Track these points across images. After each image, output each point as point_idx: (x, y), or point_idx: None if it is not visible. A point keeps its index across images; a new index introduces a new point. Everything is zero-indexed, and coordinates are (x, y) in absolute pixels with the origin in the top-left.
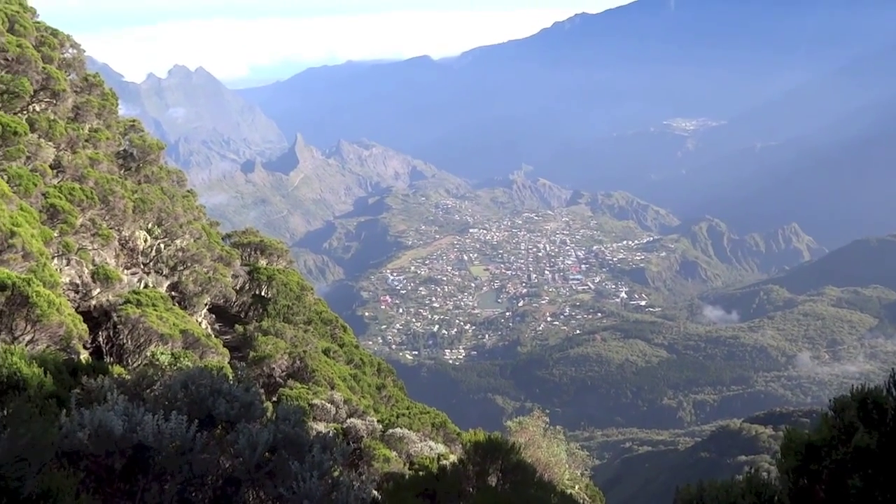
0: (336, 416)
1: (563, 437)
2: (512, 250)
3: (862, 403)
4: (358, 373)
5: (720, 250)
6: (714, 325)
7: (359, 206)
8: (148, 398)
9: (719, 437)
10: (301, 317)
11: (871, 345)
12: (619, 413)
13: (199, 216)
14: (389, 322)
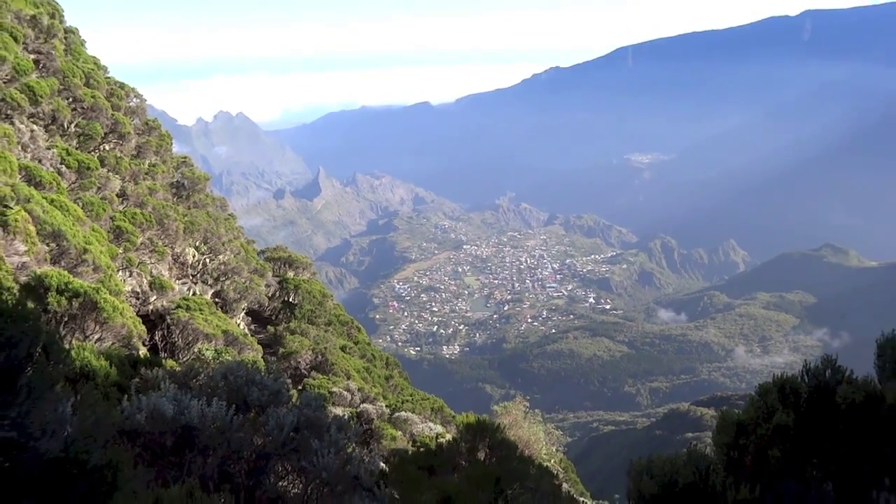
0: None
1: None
2: (499, 263)
3: (781, 388)
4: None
5: (671, 263)
6: (666, 324)
7: (371, 227)
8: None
9: (671, 417)
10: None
11: (793, 340)
12: (588, 398)
13: (238, 236)
14: (396, 323)
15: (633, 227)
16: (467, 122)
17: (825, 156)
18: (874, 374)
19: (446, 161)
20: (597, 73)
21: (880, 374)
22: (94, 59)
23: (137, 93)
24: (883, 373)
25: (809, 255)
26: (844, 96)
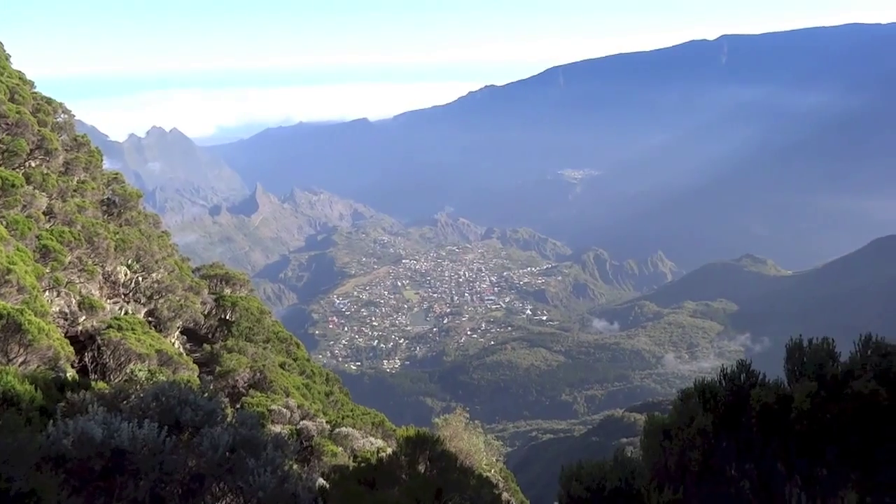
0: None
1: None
2: (438, 277)
3: (701, 393)
4: (309, 382)
5: (604, 274)
6: (601, 334)
7: (310, 243)
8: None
9: (606, 423)
10: (260, 336)
11: (718, 346)
12: (527, 408)
13: (172, 253)
14: (336, 339)
15: (567, 239)
16: (405, 138)
17: (742, 171)
18: (784, 377)
19: (385, 177)
20: (530, 91)
21: (789, 377)
22: (18, 74)
23: (66, 108)
24: (792, 375)
25: (731, 265)
26: (759, 116)
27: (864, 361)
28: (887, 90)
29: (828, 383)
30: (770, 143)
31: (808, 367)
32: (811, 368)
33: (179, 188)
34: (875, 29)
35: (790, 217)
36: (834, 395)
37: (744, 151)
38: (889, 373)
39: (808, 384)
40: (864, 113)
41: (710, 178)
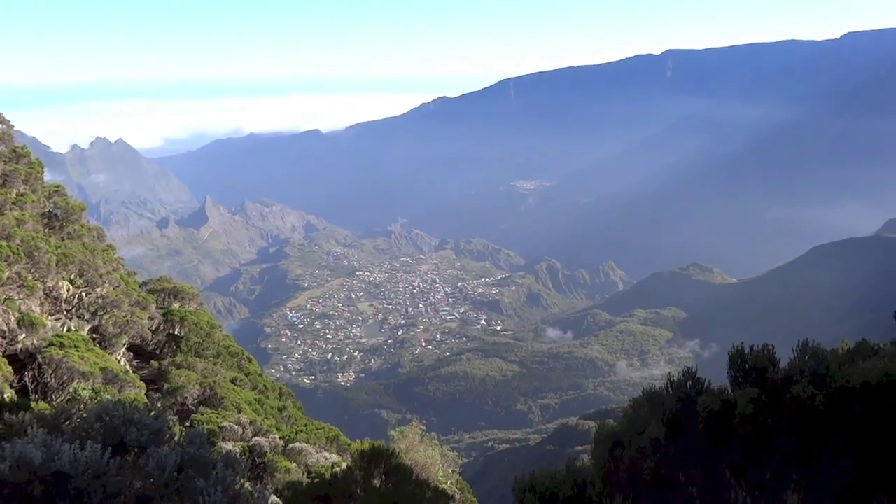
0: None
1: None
2: (392, 289)
3: (651, 401)
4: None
5: (557, 284)
6: (554, 343)
7: (261, 255)
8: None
9: (561, 432)
10: (211, 351)
11: (668, 353)
12: (483, 418)
13: (118, 267)
14: (289, 352)
15: (521, 250)
16: (358, 149)
17: (688, 182)
18: (728, 384)
19: (338, 188)
20: (482, 103)
21: (733, 383)
22: None
23: (3, 118)
24: (735, 381)
25: (679, 273)
26: (703, 128)
27: (803, 367)
28: (822, 104)
29: (769, 389)
30: (714, 155)
31: (750, 374)
32: (753, 374)
33: (125, 201)
34: (811, 45)
35: (734, 226)
36: (775, 400)
37: (689, 162)
38: (825, 378)
39: (750, 390)
40: (802, 125)
41: (658, 189)
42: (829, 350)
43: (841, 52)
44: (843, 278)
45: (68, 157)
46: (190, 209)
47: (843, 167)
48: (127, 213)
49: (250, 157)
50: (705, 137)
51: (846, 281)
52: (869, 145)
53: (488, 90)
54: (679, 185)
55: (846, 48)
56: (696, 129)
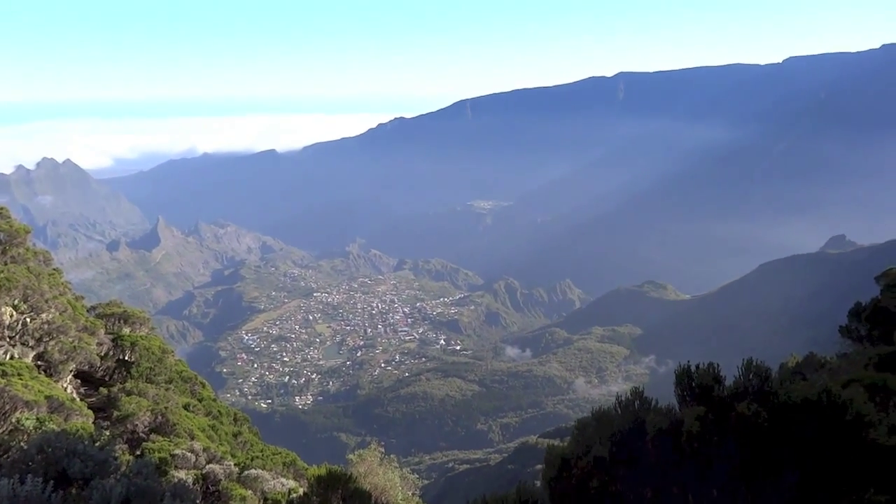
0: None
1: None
2: (350, 310)
3: (599, 421)
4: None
5: (515, 302)
6: (513, 361)
7: (216, 278)
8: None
9: (521, 451)
10: (162, 377)
11: (625, 369)
12: (443, 439)
13: (65, 291)
14: (245, 376)
15: (479, 269)
16: (315, 170)
17: (641, 201)
18: (676, 402)
19: (294, 209)
20: (439, 124)
21: (680, 401)
22: None
23: None
24: (683, 399)
25: (634, 290)
26: (655, 148)
27: (747, 384)
28: (767, 125)
29: (714, 406)
30: (666, 174)
31: (697, 392)
32: (699, 392)
33: (73, 223)
34: (754, 69)
35: (686, 243)
36: (720, 417)
37: (642, 182)
38: (769, 395)
39: (696, 408)
40: (748, 146)
41: (613, 208)
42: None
43: (784, 76)
44: (791, 294)
45: (13, 178)
46: (141, 231)
47: (788, 186)
48: (75, 235)
49: (204, 178)
50: (657, 158)
51: (794, 296)
52: (810, 165)
53: (445, 111)
54: (633, 205)
55: (788, 72)
56: (648, 150)
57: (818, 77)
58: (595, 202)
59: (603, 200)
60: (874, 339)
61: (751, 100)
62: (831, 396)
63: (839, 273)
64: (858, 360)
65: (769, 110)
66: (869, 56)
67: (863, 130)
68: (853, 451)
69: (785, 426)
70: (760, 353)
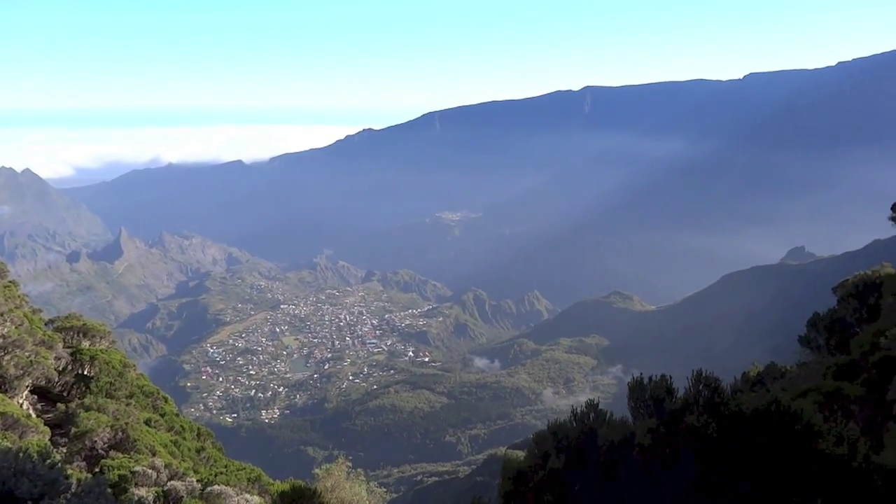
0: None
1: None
2: (318, 322)
3: (554, 434)
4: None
5: (483, 314)
6: (482, 373)
7: (181, 290)
8: None
9: (490, 462)
10: (123, 391)
11: (593, 380)
12: (411, 451)
13: (21, 304)
14: (210, 390)
15: (447, 281)
16: (282, 181)
17: (607, 213)
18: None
19: (261, 220)
20: (407, 135)
21: (633, 413)
22: None
23: None
24: (636, 412)
25: (601, 301)
26: (620, 162)
27: (698, 395)
28: (729, 139)
29: (666, 418)
30: (631, 187)
31: (649, 404)
32: (651, 405)
33: (32, 233)
34: (717, 84)
35: (651, 255)
36: (671, 428)
37: (608, 194)
38: (718, 406)
39: (648, 421)
40: (711, 159)
41: (579, 220)
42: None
43: (744, 92)
44: (753, 303)
45: None
46: (103, 242)
47: (750, 199)
48: (34, 246)
49: (169, 189)
50: (623, 171)
51: (755, 306)
52: (770, 178)
53: (413, 123)
54: (599, 217)
55: (748, 88)
56: (614, 163)
57: (777, 93)
58: (562, 214)
59: (570, 212)
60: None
61: (713, 114)
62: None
63: (799, 284)
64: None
65: (730, 124)
66: (825, 73)
67: (820, 145)
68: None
69: (735, 437)
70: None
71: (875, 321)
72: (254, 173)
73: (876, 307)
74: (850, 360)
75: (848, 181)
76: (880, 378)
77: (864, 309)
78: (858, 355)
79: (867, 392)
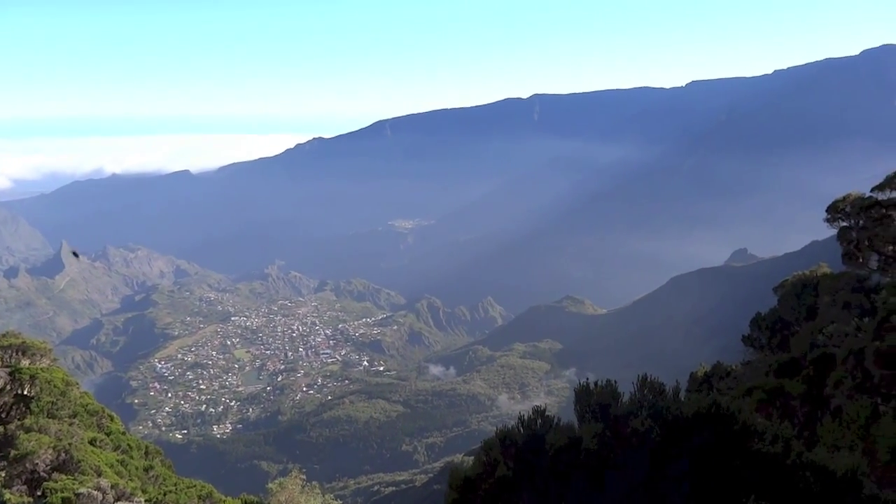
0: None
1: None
2: (270, 333)
3: (503, 441)
4: (125, 458)
5: (438, 321)
6: (438, 380)
7: (126, 304)
8: None
9: (447, 470)
10: (66, 411)
11: (547, 384)
12: (368, 462)
13: None
14: (159, 406)
15: (401, 289)
16: (231, 191)
17: (559, 219)
18: (575, 420)
19: (210, 231)
20: (358, 143)
21: (580, 419)
22: None
23: None
24: (582, 417)
25: (554, 306)
26: (570, 168)
27: (642, 400)
28: (673, 145)
29: (611, 423)
30: (581, 193)
31: (595, 409)
32: (598, 410)
33: None
34: (661, 92)
35: (602, 259)
36: (617, 433)
37: (559, 200)
38: (662, 410)
39: (594, 425)
40: (657, 165)
41: (531, 226)
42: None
43: (687, 99)
44: (700, 305)
45: None
46: (44, 256)
47: (694, 203)
48: None
49: (113, 200)
50: (572, 177)
51: (702, 307)
52: (714, 183)
53: (364, 131)
54: (550, 222)
55: (691, 95)
56: (564, 169)
57: (718, 100)
58: (514, 220)
59: (522, 218)
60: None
61: (659, 121)
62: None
63: (743, 284)
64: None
65: (675, 131)
66: (763, 80)
67: (760, 149)
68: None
69: (677, 439)
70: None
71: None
72: (202, 183)
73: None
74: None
75: (787, 184)
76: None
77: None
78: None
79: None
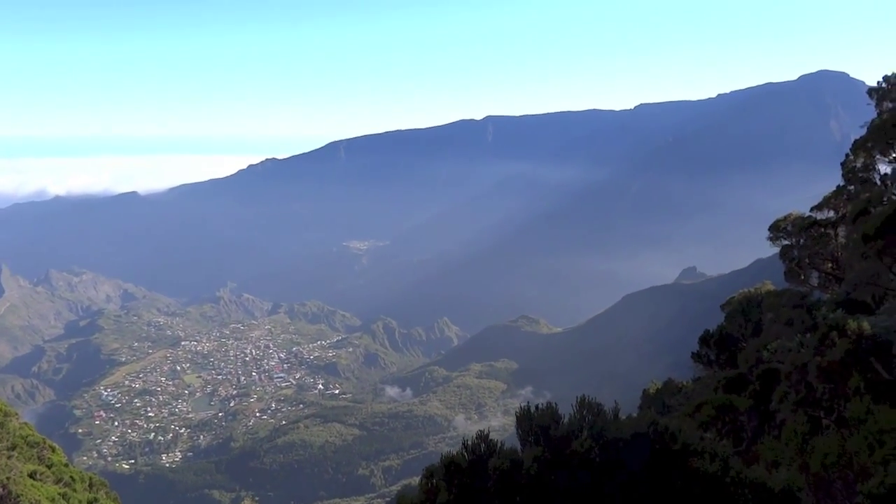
0: None
1: None
2: (222, 357)
3: (447, 467)
4: (68, 491)
5: (394, 342)
6: (394, 402)
7: (70, 330)
8: None
9: None
10: (4, 444)
11: (504, 403)
12: (323, 488)
13: None
14: (104, 436)
15: (356, 310)
16: (181, 212)
17: (512, 239)
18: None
19: (159, 254)
20: (312, 165)
21: (522, 442)
22: None
23: None
24: (524, 440)
25: (509, 325)
26: (522, 188)
27: (582, 421)
28: (622, 166)
29: (552, 445)
30: (534, 213)
31: (537, 432)
32: (539, 433)
33: None
34: (610, 114)
35: (555, 279)
36: (557, 455)
37: (513, 220)
38: (602, 431)
39: (534, 448)
40: (607, 186)
41: (486, 246)
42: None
43: (635, 121)
44: (652, 323)
45: None
46: None
47: (644, 222)
48: None
49: (56, 223)
50: (525, 197)
51: (654, 325)
52: (662, 203)
53: (318, 152)
54: (504, 242)
55: (639, 117)
56: (517, 189)
57: (665, 122)
58: (469, 240)
59: (476, 238)
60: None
61: (608, 143)
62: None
63: (693, 302)
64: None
65: (624, 153)
66: (707, 104)
67: (705, 170)
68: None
69: (617, 460)
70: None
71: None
72: (150, 205)
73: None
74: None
75: (731, 204)
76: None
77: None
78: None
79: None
